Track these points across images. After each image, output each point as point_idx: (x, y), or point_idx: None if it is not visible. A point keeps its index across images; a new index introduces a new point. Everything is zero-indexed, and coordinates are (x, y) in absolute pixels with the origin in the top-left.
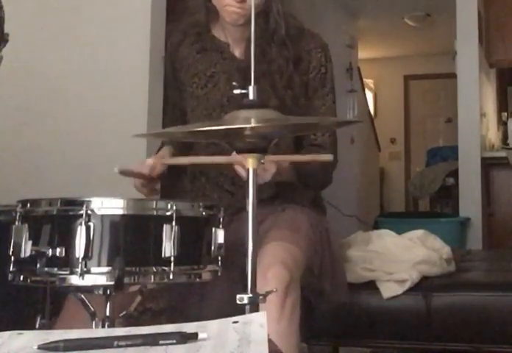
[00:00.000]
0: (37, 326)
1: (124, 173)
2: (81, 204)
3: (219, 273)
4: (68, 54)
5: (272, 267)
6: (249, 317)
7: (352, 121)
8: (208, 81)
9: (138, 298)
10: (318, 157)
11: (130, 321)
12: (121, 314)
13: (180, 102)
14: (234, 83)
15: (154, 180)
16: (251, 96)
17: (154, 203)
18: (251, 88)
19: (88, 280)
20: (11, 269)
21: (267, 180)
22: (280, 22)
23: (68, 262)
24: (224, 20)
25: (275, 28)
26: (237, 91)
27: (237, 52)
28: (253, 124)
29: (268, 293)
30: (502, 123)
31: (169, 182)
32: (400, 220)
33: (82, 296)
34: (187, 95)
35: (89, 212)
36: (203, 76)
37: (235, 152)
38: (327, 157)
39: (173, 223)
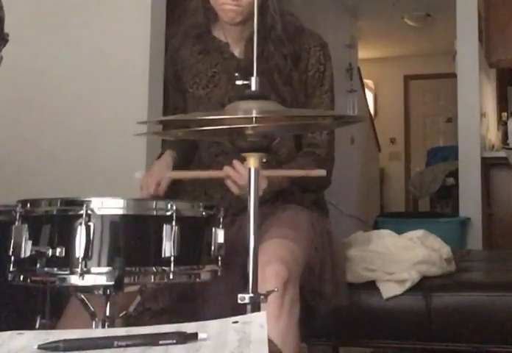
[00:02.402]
0: (37, 326)
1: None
2: (81, 204)
3: (219, 273)
4: (69, 55)
5: (270, 264)
6: (249, 317)
7: (353, 116)
8: (209, 81)
9: (138, 298)
10: (312, 173)
11: (130, 321)
12: (121, 314)
13: (182, 104)
14: (236, 74)
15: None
16: (253, 87)
17: (154, 203)
18: (253, 79)
19: (88, 280)
20: (11, 269)
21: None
22: (277, 19)
23: (68, 262)
24: (223, 20)
25: (272, 25)
26: (239, 82)
27: (237, 51)
28: (254, 124)
29: (269, 292)
30: (502, 123)
31: (172, 182)
32: (400, 220)
33: (82, 296)
34: (188, 96)
35: (89, 212)
36: (204, 76)
37: (225, 167)
38: (320, 173)
39: (173, 223)
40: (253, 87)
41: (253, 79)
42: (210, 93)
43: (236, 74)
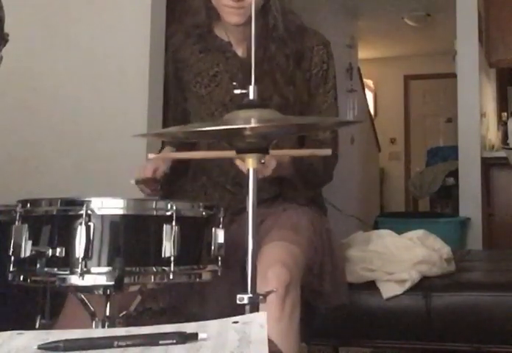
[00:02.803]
0: (37, 326)
1: (138, 182)
2: (81, 204)
3: (219, 273)
4: (68, 54)
5: (272, 267)
6: (249, 317)
7: (352, 122)
8: (211, 80)
9: (138, 298)
10: (317, 152)
11: (130, 321)
12: (121, 314)
13: (183, 102)
14: (234, 83)
15: (157, 181)
16: (251, 96)
17: (154, 203)
18: (251, 88)
19: (88, 280)
20: (11, 269)
21: (267, 175)
22: (279, 19)
23: (68, 262)
24: (225, 20)
25: (274, 25)
26: (237, 91)
27: (240, 51)
28: (253, 124)
29: (268, 293)
30: (502, 123)
31: (170, 182)
32: (400, 220)
33: (82, 295)
34: (190, 95)
35: (89, 212)
36: (206, 75)
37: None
38: (326, 152)
39: (173, 223)
40: (251, 96)
41: (251, 88)
42: (211, 92)
43: (234, 83)
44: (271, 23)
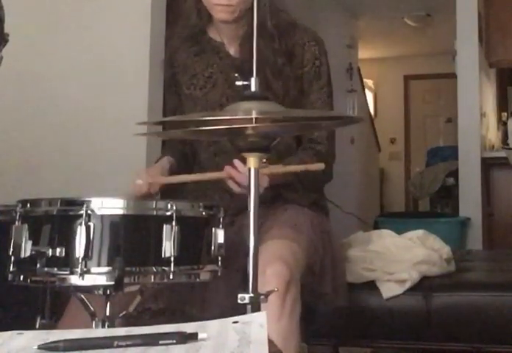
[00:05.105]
0: (37, 326)
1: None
2: (81, 204)
3: (219, 273)
4: (69, 55)
5: (272, 264)
6: (249, 317)
7: (353, 117)
8: (206, 82)
9: (138, 298)
10: (311, 167)
11: (130, 321)
12: (121, 314)
13: (179, 106)
14: (236, 75)
15: (153, 195)
16: (252, 88)
17: (154, 203)
18: (253, 80)
19: (88, 280)
20: (11, 269)
21: (260, 192)
22: (266, 16)
23: (68, 262)
24: (217, 20)
25: (262, 22)
26: (239, 83)
27: (232, 50)
28: (254, 123)
29: (269, 292)
30: (502, 123)
31: (170, 184)
32: (400, 220)
33: (82, 296)
34: (186, 98)
35: (89, 212)
36: (201, 77)
37: (226, 167)
38: (319, 166)
39: (173, 223)
40: (252, 88)
41: (252, 80)
42: (207, 94)
43: (236, 75)
44: (259, 20)
